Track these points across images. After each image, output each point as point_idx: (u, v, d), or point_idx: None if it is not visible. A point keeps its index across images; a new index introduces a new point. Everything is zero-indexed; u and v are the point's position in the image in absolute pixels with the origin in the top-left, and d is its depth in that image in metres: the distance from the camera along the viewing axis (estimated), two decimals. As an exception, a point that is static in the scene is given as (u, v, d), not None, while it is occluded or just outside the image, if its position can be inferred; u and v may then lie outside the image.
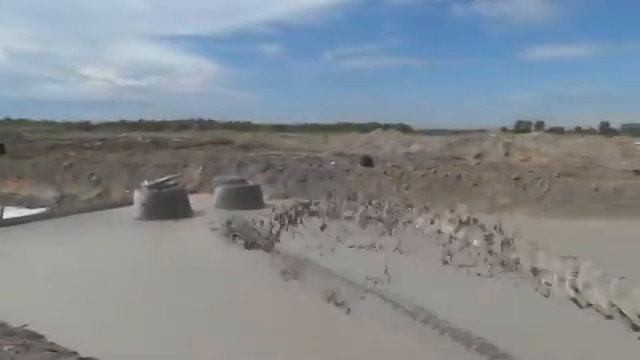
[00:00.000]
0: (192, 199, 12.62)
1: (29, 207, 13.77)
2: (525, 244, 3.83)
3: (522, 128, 46.04)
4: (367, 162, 17.37)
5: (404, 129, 44.41)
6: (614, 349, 3.84)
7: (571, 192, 12.37)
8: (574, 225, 10.57)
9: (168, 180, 12.52)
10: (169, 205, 11.40)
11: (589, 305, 2.99)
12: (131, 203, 11.75)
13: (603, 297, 2.84)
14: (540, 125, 46.04)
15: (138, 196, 11.46)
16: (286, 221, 6.86)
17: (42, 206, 13.93)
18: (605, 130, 44.49)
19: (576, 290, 3.05)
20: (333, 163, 17.17)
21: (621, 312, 2.75)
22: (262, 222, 7.45)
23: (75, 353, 3.69)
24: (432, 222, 4.73)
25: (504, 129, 38.46)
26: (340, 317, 5.11)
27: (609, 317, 2.80)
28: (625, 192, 11.87)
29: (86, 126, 49.32)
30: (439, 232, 4.58)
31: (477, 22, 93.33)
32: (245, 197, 12.74)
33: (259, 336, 4.51)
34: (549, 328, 4.63)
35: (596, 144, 26.37)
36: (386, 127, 38.35)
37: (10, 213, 11.26)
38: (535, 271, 3.46)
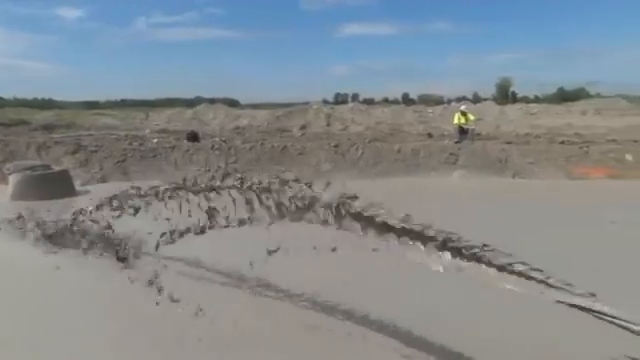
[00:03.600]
0: (-23, 192, 10.43)
1: None
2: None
3: (340, 100, 50.17)
4: (193, 138, 16.76)
5: (231, 103, 43.97)
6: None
7: (380, 155, 14.06)
8: (381, 183, 12.15)
9: (-62, 172, 10.06)
10: (-57, 202, 9.20)
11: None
12: None
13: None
14: (355, 97, 50.67)
15: None
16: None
17: None
18: (406, 100, 51.48)
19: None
20: (156, 141, 16.07)
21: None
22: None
23: None
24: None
25: (325, 101, 41.19)
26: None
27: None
28: (421, 152, 14.02)
29: None
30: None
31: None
32: (51, 184, 11.02)
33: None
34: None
35: (399, 112, 30.43)
36: (213, 101, 37.34)
37: None
38: None
